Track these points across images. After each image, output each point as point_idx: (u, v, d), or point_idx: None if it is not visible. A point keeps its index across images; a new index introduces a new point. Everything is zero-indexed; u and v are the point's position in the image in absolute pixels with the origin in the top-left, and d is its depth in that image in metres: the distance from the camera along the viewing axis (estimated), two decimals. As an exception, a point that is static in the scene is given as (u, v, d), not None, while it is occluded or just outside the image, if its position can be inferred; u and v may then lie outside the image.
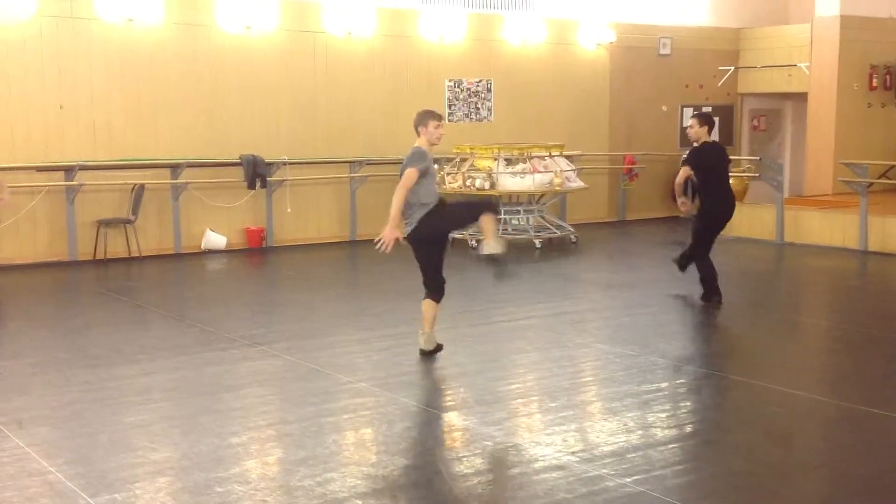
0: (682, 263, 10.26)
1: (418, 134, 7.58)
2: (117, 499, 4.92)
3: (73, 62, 12.81)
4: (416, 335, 7.79)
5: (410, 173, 7.37)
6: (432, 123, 7.51)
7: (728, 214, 9.94)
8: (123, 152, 13.20)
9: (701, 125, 9.78)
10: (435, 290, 7.62)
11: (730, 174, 10.29)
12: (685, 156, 9.92)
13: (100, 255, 12.94)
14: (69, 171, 12.72)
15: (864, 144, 16.74)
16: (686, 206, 10.00)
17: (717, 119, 18.15)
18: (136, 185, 13.12)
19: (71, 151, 12.85)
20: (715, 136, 10.27)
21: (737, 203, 10.23)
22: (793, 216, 14.45)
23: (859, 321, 9.47)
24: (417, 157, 7.44)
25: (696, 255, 9.96)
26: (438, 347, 7.73)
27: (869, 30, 16.86)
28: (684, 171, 9.74)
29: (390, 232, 7.32)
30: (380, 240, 7.26)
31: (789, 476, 5.36)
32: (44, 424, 6.17)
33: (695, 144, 9.85)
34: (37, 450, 5.62)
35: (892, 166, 15.70)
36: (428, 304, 7.63)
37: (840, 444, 5.88)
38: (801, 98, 18.08)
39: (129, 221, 13.06)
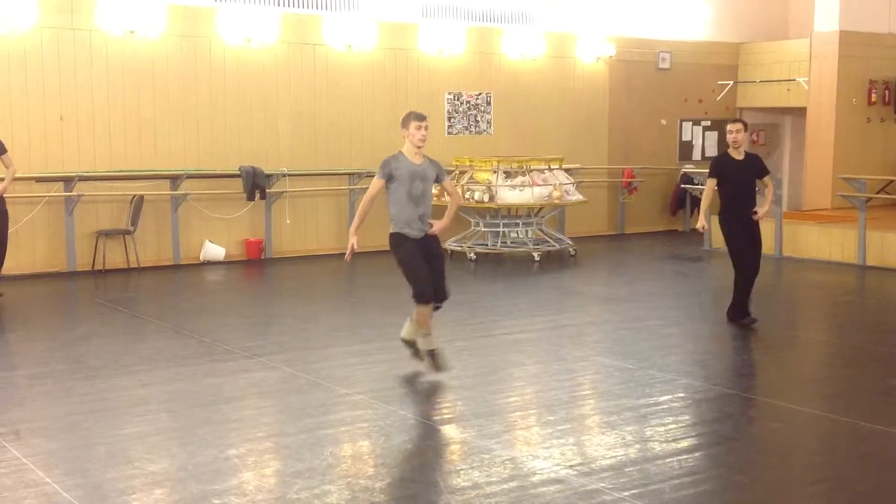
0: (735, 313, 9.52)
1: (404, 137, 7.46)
2: (114, 510, 4.92)
3: (74, 73, 12.84)
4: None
5: (374, 182, 7.45)
6: (413, 125, 7.36)
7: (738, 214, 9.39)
8: (123, 163, 13.22)
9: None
10: (416, 293, 7.42)
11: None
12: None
13: (98, 266, 12.94)
14: (68, 181, 12.73)
15: (863, 159, 16.77)
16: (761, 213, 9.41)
17: (715, 133, 18.34)
18: (135, 195, 13.14)
19: (70, 162, 12.86)
20: (713, 149, 10.14)
21: None
22: (791, 230, 14.46)
23: (857, 336, 9.48)
24: (381, 165, 7.43)
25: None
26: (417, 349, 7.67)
27: (868, 45, 16.92)
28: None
29: (350, 241, 7.52)
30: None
31: (787, 491, 5.36)
32: (41, 435, 6.16)
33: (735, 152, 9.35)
34: (34, 461, 5.62)
35: (891, 181, 15.71)
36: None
37: (838, 459, 5.88)
38: (799, 113, 18.12)
39: (128, 232, 13.06)
